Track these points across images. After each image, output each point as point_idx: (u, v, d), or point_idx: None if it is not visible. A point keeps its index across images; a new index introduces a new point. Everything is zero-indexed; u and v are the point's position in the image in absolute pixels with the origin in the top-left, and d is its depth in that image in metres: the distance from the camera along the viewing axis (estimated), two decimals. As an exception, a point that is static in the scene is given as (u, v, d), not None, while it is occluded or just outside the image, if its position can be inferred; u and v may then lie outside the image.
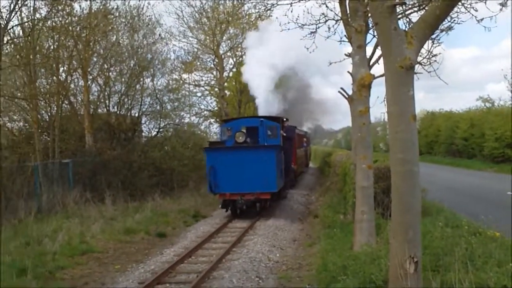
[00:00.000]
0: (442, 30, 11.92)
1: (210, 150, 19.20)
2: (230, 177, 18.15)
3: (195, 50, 35.48)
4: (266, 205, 19.00)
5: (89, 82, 25.25)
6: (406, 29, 6.70)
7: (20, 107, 24.48)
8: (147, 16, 28.22)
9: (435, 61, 11.98)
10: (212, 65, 36.01)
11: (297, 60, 27.86)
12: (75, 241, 13.51)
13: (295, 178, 30.52)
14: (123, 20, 26.86)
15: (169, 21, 41.71)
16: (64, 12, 22.40)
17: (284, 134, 21.93)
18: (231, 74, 37.83)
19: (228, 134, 20.62)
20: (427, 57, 11.98)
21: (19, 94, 23.72)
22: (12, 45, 21.63)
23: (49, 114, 24.69)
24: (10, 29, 20.12)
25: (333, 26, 12.58)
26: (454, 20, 11.63)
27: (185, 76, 35.70)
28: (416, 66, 7.96)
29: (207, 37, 34.73)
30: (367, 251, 9.82)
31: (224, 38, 34.87)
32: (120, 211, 18.42)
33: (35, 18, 21.31)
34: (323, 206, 19.29)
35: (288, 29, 12.83)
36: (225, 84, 36.90)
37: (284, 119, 23.11)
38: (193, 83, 36.47)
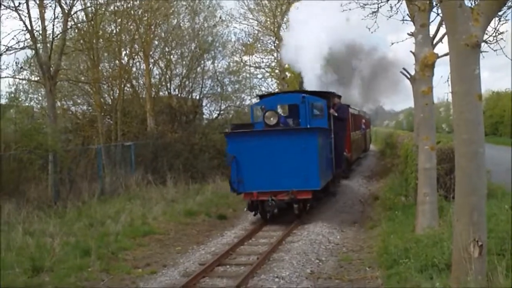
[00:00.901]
0: (509, 7, 11.50)
1: (231, 135, 14.89)
2: (258, 171, 14.03)
3: (256, 32, 35.45)
4: (306, 207, 14.60)
5: (150, 65, 25.67)
6: (472, 6, 6.50)
7: (84, 91, 25.15)
8: (208, -1, 28.37)
9: (502, 39, 11.61)
10: (272, 47, 35.90)
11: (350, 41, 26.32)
12: (137, 223, 13.82)
13: (350, 166, 26.03)
14: (184, 3, 27.12)
15: (230, 3, 41.66)
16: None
17: (335, 114, 17.27)
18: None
19: (261, 114, 16.25)
20: (493, 34, 11.60)
21: (82, 78, 24.35)
22: (76, 30, 22.14)
23: (111, 97, 25.29)
24: (73, 14, 20.60)
25: (395, 5, 12.34)
26: (523, -4, 11.20)
27: (245, 58, 35.74)
28: (482, 44, 7.71)
29: (268, 19, 34.63)
30: (429, 234, 9.66)
31: (285, 19, 34.71)
32: (181, 193, 18.64)
33: (98, 3, 21.73)
34: (384, 188, 19.02)
35: (350, 9, 12.65)
36: (286, 66, 36.78)
37: (336, 95, 18.47)
38: (254, 65, 36.49)
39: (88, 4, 21.73)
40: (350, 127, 24.56)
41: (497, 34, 11.61)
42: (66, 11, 19.25)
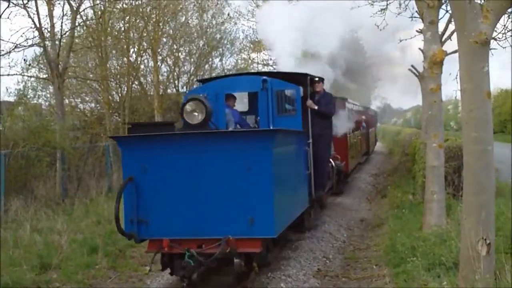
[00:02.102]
0: (519, 4, 11.45)
1: (126, 140, 8.74)
2: (171, 204, 8.18)
3: (264, 29, 35.35)
4: (253, 266, 8.56)
5: (158, 63, 25.68)
6: (482, 3, 6.47)
7: (92, 88, 25.19)
8: (216, -4, 28.36)
9: (511, 36, 11.56)
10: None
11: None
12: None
13: (346, 178, 20.26)
14: (192, 0, 27.11)
15: (242, 3, 41.62)
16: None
17: (315, 107, 11.68)
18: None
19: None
20: (503, 32, 11.56)
21: (91, 76, 24.41)
22: (84, 28, 22.20)
23: (119, 95, 25.32)
24: (82, 11, 20.67)
25: (404, 2, 12.31)
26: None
27: (253, 55, 35.70)
28: (491, 41, 7.67)
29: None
30: (437, 232, 9.63)
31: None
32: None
33: (107, 0, 21.76)
34: (391, 186, 18.97)
35: (358, 6, 12.64)
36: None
37: (317, 79, 12.19)
38: (262, 62, 36.44)
39: (97, 2, 21.78)
40: (347, 128, 19.48)
41: (506, 31, 11.58)
42: (75, 9, 19.32)
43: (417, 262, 8.19)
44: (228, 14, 30.34)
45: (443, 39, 11.86)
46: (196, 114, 8.41)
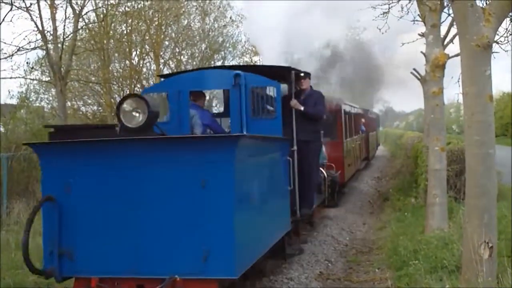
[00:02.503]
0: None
1: (47, 148, 6.48)
2: (102, 233, 6.01)
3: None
4: None
5: (161, 66, 25.70)
6: (484, 6, 6.48)
7: (94, 91, 25.21)
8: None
9: (513, 39, 11.58)
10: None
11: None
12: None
13: (342, 188, 17.67)
14: (195, 3, 27.16)
15: (240, 4, 41.66)
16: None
17: (301, 108, 9.60)
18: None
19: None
20: (505, 35, 11.57)
21: (93, 79, 24.43)
22: (87, 31, 22.24)
23: (122, 97, 25.32)
24: (84, 14, 20.70)
25: (406, 5, 12.33)
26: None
27: (256, 58, 35.71)
28: (493, 45, 7.68)
29: (277, 19, 34.58)
30: (439, 235, 9.62)
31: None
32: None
33: (109, 3, 21.81)
34: (393, 189, 18.95)
35: (360, 9, 12.63)
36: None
37: (303, 74, 10.11)
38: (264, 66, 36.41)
39: (99, 5, 21.83)
40: (342, 131, 17.74)
41: (509, 34, 11.59)
42: (77, 12, 19.33)
43: (420, 265, 8.19)
44: (231, 17, 30.41)
45: (445, 42, 11.87)
46: (136, 114, 6.20)
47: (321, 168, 11.88)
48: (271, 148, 8.00)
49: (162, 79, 10.42)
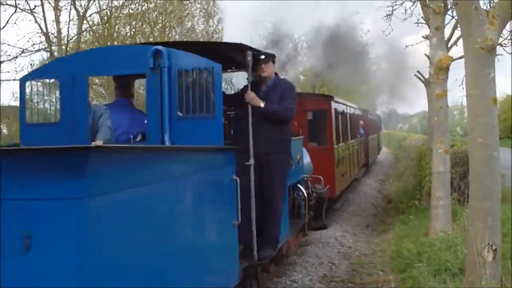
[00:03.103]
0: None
1: None
2: None
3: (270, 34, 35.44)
4: None
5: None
6: (488, 9, 6.48)
7: (98, 93, 25.26)
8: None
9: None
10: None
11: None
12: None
13: (333, 204, 15.05)
14: (198, 6, 27.21)
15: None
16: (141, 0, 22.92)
17: (261, 105, 6.71)
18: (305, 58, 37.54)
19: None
20: (509, 38, 11.57)
21: (96, 80, 24.48)
22: (91, 33, 22.29)
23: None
24: (88, 17, 20.76)
25: (409, 7, 12.34)
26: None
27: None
28: (497, 47, 7.68)
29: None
30: (443, 237, 9.61)
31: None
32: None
33: (113, 5, 21.86)
34: (397, 192, 18.93)
35: (359, 12, 12.57)
36: (300, 68, 36.69)
37: (262, 56, 7.01)
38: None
39: (103, 7, 21.88)
40: (333, 135, 14.70)
41: (512, 37, 11.59)
42: (81, 14, 19.39)
43: (423, 267, 8.18)
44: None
45: (449, 45, 11.86)
46: None
47: (299, 185, 9.35)
48: (199, 164, 5.31)
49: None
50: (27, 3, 17.41)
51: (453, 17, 12.00)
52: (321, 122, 14.43)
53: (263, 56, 7.01)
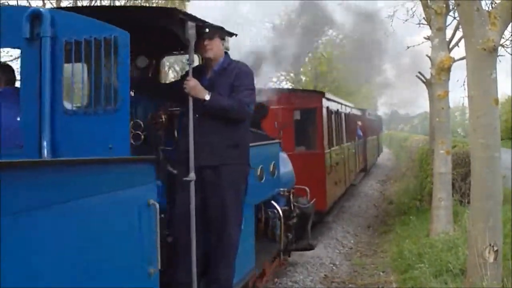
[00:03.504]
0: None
1: None
2: None
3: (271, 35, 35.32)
4: None
5: (166, 69, 25.74)
6: (489, 10, 6.49)
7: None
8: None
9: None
10: (288, 51, 35.70)
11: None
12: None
13: (322, 218, 13.23)
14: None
15: (246, 7, 41.54)
16: (142, 0, 22.93)
17: (206, 97, 4.78)
18: (307, 59, 37.47)
19: None
20: (510, 38, 11.57)
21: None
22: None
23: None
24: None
25: (411, 8, 12.34)
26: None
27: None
28: (499, 48, 7.68)
29: (283, 22, 34.51)
30: (444, 238, 9.61)
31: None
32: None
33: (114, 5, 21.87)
34: (398, 193, 18.92)
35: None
36: (301, 69, 36.62)
37: (207, 30, 4.94)
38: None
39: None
40: (323, 138, 12.73)
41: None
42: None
43: (424, 268, 8.18)
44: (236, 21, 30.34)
45: (451, 45, 11.85)
46: None
47: (273, 202, 7.57)
48: (91, 184, 3.38)
49: None
50: (29, 3, 17.41)
51: (454, 18, 12.00)
52: (310, 123, 12.66)
53: (207, 30, 4.99)
